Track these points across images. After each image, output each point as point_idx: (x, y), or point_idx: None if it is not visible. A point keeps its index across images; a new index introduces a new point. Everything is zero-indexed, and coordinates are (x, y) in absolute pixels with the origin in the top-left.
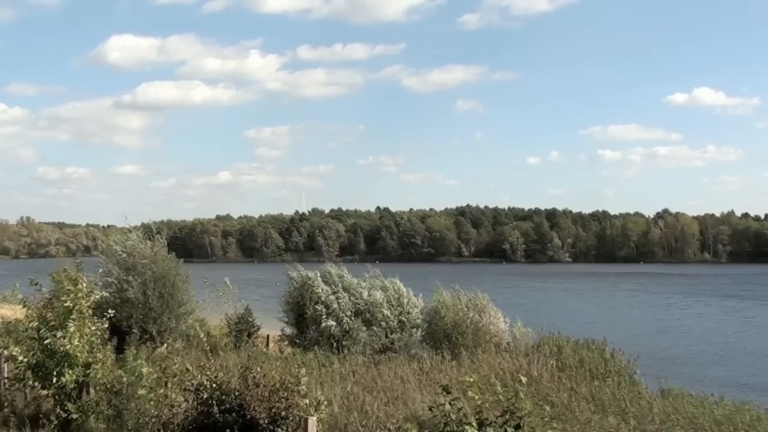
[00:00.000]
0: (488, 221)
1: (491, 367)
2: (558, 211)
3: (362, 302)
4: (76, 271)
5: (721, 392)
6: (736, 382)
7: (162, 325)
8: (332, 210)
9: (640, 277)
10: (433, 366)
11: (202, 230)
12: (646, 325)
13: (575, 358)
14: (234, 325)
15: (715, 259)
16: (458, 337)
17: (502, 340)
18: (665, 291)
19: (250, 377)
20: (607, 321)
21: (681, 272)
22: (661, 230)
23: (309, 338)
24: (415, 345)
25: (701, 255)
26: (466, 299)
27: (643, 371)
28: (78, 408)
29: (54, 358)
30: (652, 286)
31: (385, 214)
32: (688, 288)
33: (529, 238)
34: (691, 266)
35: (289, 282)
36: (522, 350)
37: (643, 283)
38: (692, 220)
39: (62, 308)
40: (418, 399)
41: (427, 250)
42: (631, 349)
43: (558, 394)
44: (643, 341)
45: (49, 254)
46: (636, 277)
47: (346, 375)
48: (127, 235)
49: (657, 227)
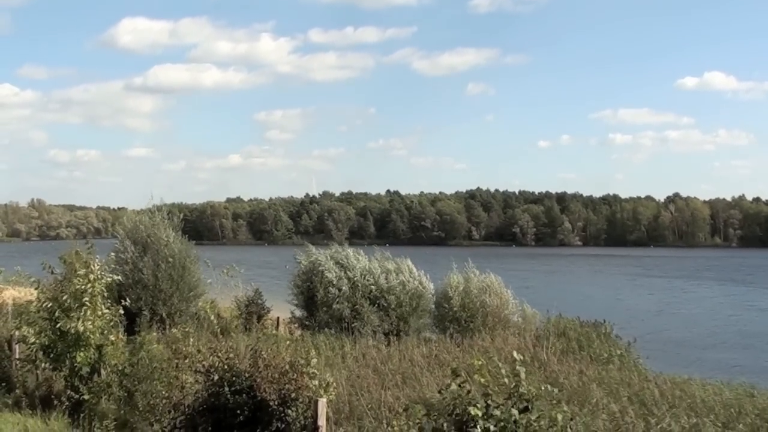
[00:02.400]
0: (498, 205)
1: (500, 349)
2: (568, 195)
3: (374, 285)
4: (87, 253)
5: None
6: (738, 366)
7: (172, 307)
8: (342, 193)
9: (650, 261)
10: (442, 349)
11: (213, 213)
12: (649, 308)
13: (581, 340)
14: (244, 308)
15: (725, 244)
16: (468, 319)
17: (512, 323)
18: (673, 275)
19: (260, 359)
20: (612, 304)
21: (691, 256)
22: (672, 214)
23: (319, 321)
24: (426, 328)
25: (712, 239)
26: (476, 280)
27: (645, 353)
28: (90, 389)
29: (66, 339)
30: (660, 269)
31: (395, 198)
32: (696, 272)
33: (540, 222)
34: (701, 250)
35: (297, 265)
36: (531, 332)
37: (652, 266)
38: (703, 204)
39: (75, 291)
40: (427, 382)
41: (437, 234)
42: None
43: (568, 377)
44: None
45: (59, 236)
46: (645, 260)
47: (357, 357)
48: (152, 213)
49: (667, 211)
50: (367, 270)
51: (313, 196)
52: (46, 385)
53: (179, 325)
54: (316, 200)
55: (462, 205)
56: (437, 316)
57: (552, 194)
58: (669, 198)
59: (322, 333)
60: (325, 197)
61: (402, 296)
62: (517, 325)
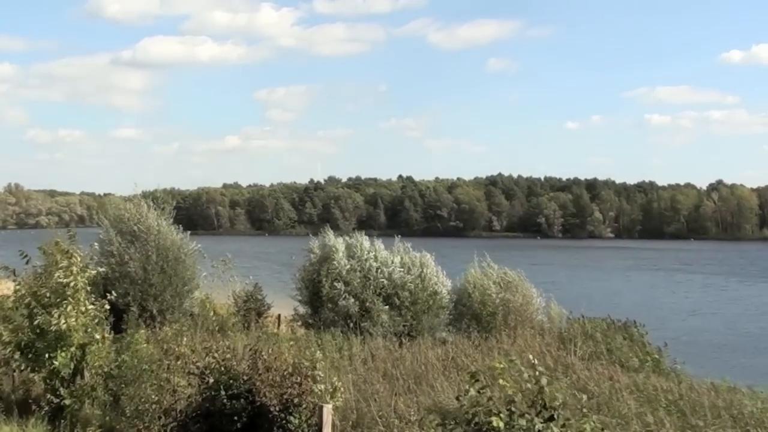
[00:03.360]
0: (522, 192)
1: (522, 351)
2: (599, 182)
3: (387, 279)
4: (69, 243)
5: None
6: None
7: (163, 303)
8: (350, 179)
9: (689, 256)
10: (460, 350)
11: (208, 200)
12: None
13: (611, 342)
14: (242, 304)
15: None
16: (488, 318)
17: (536, 322)
18: (714, 271)
19: (260, 361)
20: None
21: (735, 250)
22: (715, 203)
23: (324, 318)
24: (441, 327)
25: (760, 232)
26: (495, 276)
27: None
28: (71, 393)
29: (45, 338)
30: (700, 265)
31: (408, 184)
32: (741, 268)
33: (567, 212)
34: (747, 244)
35: (307, 255)
36: (556, 333)
37: (691, 261)
38: (750, 192)
39: (56, 284)
40: (442, 387)
41: (454, 224)
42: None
43: (597, 384)
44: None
45: (39, 225)
46: (684, 255)
47: (365, 359)
48: (139, 200)
49: (710, 200)
50: (382, 262)
51: (317, 182)
52: (24, 389)
53: (171, 322)
54: (321, 186)
55: (482, 192)
56: (455, 314)
57: (581, 181)
58: (712, 185)
59: (328, 332)
60: (330, 183)
61: (417, 293)
62: (540, 325)
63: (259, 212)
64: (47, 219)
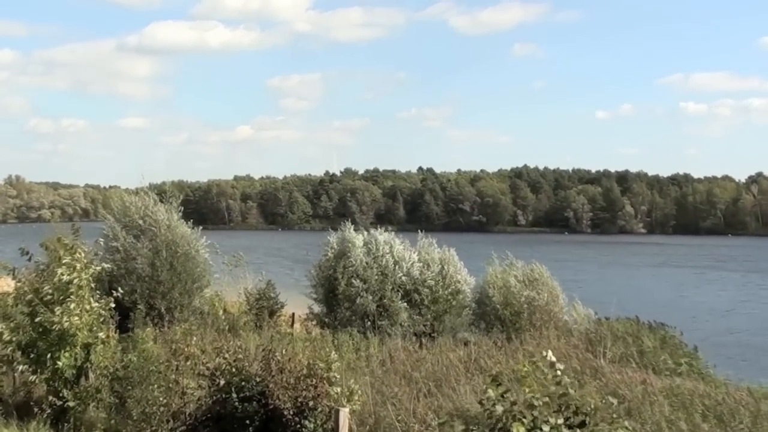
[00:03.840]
0: (549, 185)
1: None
2: (631, 174)
3: (406, 276)
4: (73, 238)
5: None
6: None
7: (172, 301)
8: (367, 171)
9: (726, 252)
10: (483, 351)
11: (219, 193)
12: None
13: (642, 344)
14: (254, 302)
15: None
16: (512, 318)
17: (562, 322)
18: (751, 268)
19: (273, 361)
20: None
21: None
22: (754, 197)
23: (340, 317)
24: (463, 327)
25: None
26: (520, 273)
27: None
28: (75, 395)
29: (48, 337)
30: (737, 262)
31: (429, 176)
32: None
33: (597, 205)
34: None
35: (324, 249)
36: (583, 334)
37: (727, 258)
38: None
39: (59, 281)
40: (464, 390)
41: (477, 218)
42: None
43: (629, 387)
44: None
45: (41, 218)
46: (720, 251)
47: (383, 361)
48: (145, 193)
49: (749, 193)
50: (399, 258)
51: (333, 174)
52: (25, 390)
53: (180, 321)
54: (336, 179)
55: (506, 184)
56: (478, 313)
57: (611, 173)
58: (751, 178)
59: (344, 332)
60: (347, 175)
61: (438, 290)
62: (567, 326)
63: (272, 206)
64: (50, 213)
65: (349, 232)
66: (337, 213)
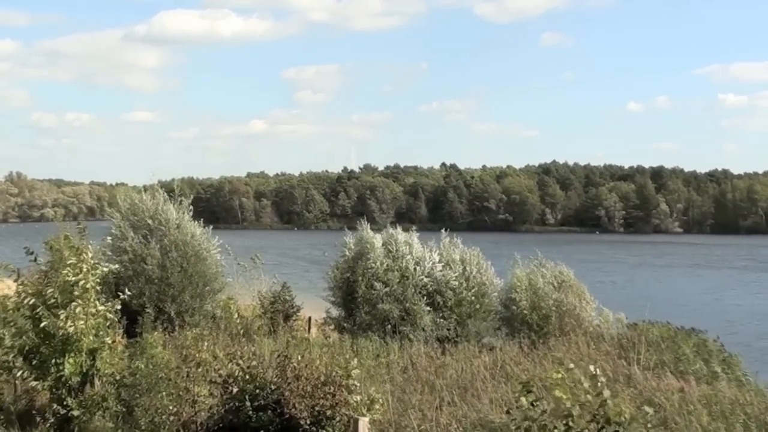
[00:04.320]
0: (579, 182)
1: (578, 360)
2: (666, 170)
3: (428, 278)
4: (78, 237)
5: None
6: None
7: (182, 305)
8: (387, 167)
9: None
10: (509, 358)
11: (231, 190)
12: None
13: (679, 350)
14: (269, 305)
15: None
16: (539, 322)
17: (591, 327)
18: None
19: (289, 368)
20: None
21: None
22: None
23: (360, 322)
24: (489, 332)
25: None
26: (549, 275)
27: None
28: (80, 403)
29: (51, 343)
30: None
31: (452, 172)
32: None
33: (630, 203)
34: None
35: (342, 250)
36: (615, 339)
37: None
38: None
39: (63, 283)
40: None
41: (503, 217)
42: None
43: (665, 396)
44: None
45: (44, 217)
46: (761, 252)
47: (405, 367)
48: (156, 191)
49: None
50: (421, 258)
51: (351, 170)
52: (27, 398)
53: (191, 326)
54: (355, 175)
55: (533, 181)
56: (504, 318)
57: (645, 169)
58: None
59: (364, 337)
60: (366, 172)
61: (462, 293)
62: (597, 330)
63: (288, 204)
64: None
65: (366, 231)
66: (355, 211)
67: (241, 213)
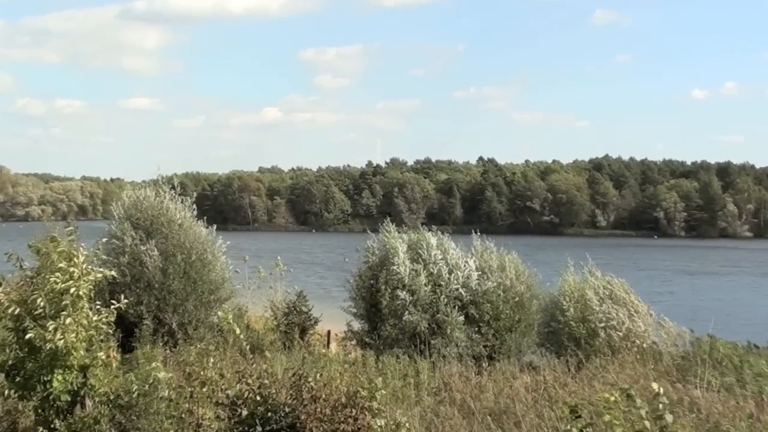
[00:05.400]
0: (635, 179)
1: (633, 381)
2: (734, 166)
3: (463, 287)
4: (69, 240)
5: None
6: None
7: (185, 315)
8: (417, 161)
9: None
10: (553, 378)
11: (241, 187)
12: None
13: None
14: (283, 318)
15: None
16: (588, 339)
17: (647, 343)
18: None
19: (305, 388)
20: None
21: None
22: None
23: (385, 336)
24: (530, 349)
25: None
26: (599, 285)
27: None
28: (69, 426)
29: (38, 357)
30: None
31: (491, 168)
32: None
33: (692, 204)
34: None
35: (364, 257)
36: (675, 358)
37: None
38: None
39: (52, 291)
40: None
41: (548, 219)
42: None
43: (732, 422)
44: None
45: (29, 216)
46: None
47: (436, 389)
48: (159, 187)
49: None
50: (454, 265)
51: (377, 165)
52: (9, 420)
53: (195, 340)
54: (381, 171)
55: (583, 178)
56: (547, 333)
57: (710, 165)
58: None
59: (390, 353)
60: (393, 167)
61: (500, 304)
62: (655, 348)
63: (304, 203)
64: (39, 210)
65: (392, 233)
66: (381, 211)
67: (252, 213)
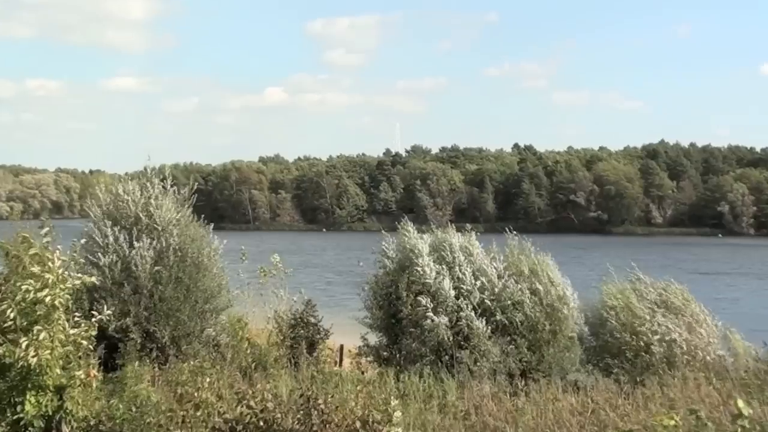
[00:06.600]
0: (695, 168)
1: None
2: None
3: (492, 295)
4: (43, 241)
5: None
6: None
7: (177, 328)
8: (443, 149)
9: None
10: (603, 400)
11: (240, 179)
12: None
13: None
14: (289, 330)
15: None
16: (641, 354)
17: (711, 358)
18: None
19: (315, 412)
20: None
21: None
22: None
23: (406, 351)
24: (573, 366)
25: None
26: (652, 292)
27: None
28: None
29: (8, 377)
30: None
31: (528, 157)
32: None
33: (763, 197)
34: None
35: (380, 260)
36: (747, 375)
37: None
38: None
39: (23, 300)
40: None
41: (594, 215)
42: None
43: None
44: None
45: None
46: None
47: (466, 412)
48: (148, 179)
49: None
50: (480, 269)
51: (396, 153)
52: None
53: (188, 356)
54: (401, 160)
55: (635, 168)
56: (593, 347)
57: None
58: None
59: (411, 370)
60: (415, 155)
61: (536, 315)
62: (719, 364)
63: (313, 198)
64: (8, 207)
65: (412, 233)
66: (401, 207)
67: (252, 209)
